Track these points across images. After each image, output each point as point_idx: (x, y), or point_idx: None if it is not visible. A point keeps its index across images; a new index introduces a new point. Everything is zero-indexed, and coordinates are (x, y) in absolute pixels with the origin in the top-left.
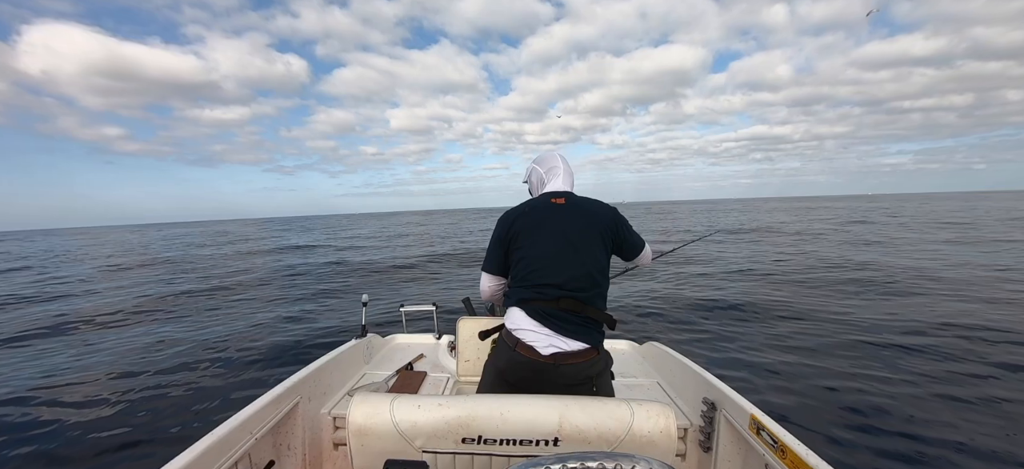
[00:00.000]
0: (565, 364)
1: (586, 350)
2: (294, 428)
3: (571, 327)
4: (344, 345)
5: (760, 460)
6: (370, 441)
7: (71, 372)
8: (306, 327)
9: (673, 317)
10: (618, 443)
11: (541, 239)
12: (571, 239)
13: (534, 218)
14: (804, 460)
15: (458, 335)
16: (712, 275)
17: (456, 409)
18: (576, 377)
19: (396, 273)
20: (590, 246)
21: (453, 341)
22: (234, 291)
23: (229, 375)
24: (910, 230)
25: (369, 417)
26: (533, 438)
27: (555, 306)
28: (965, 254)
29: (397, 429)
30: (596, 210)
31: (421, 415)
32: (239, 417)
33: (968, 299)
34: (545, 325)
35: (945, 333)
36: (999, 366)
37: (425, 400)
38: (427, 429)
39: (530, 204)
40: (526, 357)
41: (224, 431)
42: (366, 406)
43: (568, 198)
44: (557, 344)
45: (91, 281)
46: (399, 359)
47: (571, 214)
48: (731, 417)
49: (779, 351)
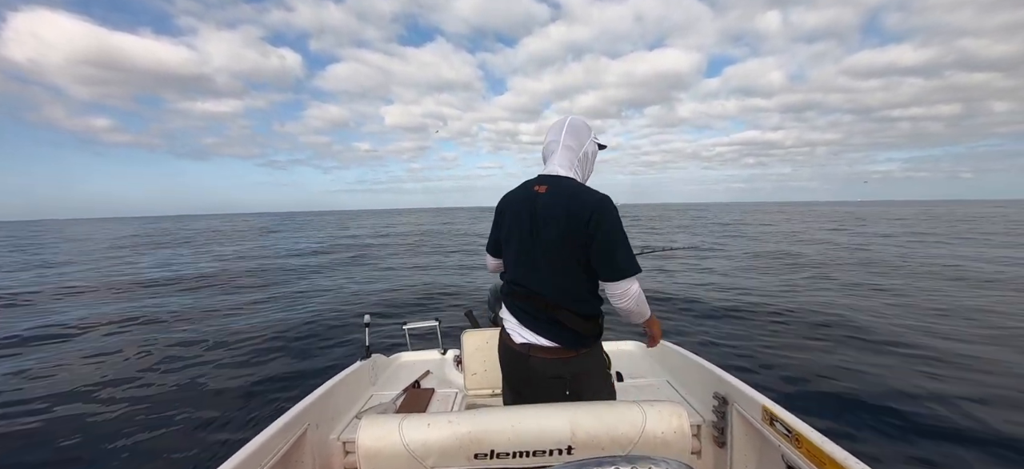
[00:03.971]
0: (535, 356)
1: (556, 347)
2: (303, 456)
3: (538, 324)
4: (349, 367)
5: (776, 451)
6: (381, 463)
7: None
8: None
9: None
10: (632, 446)
11: (515, 233)
12: (537, 235)
13: (514, 208)
14: (820, 448)
15: (463, 349)
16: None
17: (466, 425)
18: (547, 372)
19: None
20: (553, 245)
21: (458, 355)
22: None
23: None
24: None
25: (379, 440)
26: (546, 448)
27: (526, 302)
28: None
29: (408, 450)
30: (568, 203)
31: (431, 433)
32: (247, 449)
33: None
34: (515, 317)
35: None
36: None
37: (434, 418)
38: (438, 447)
39: (518, 190)
40: (506, 344)
41: (232, 465)
42: (375, 428)
43: (551, 185)
44: (526, 336)
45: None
46: (405, 377)
47: (545, 206)
48: (743, 410)
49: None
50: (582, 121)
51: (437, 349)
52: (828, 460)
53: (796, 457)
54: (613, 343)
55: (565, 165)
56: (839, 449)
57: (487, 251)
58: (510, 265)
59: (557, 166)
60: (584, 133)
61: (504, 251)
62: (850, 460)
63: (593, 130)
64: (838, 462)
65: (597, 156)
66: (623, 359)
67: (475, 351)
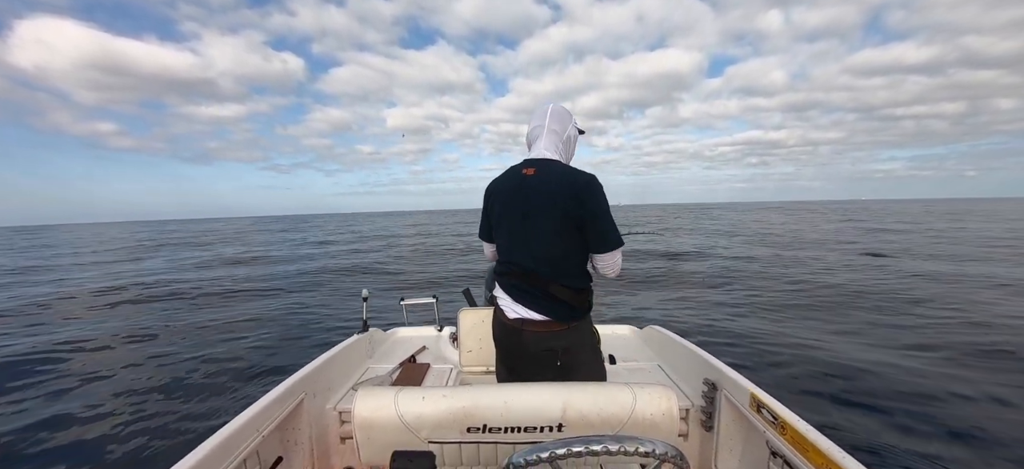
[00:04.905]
0: (527, 330)
1: (548, 321)
2: (300, 424)
3: (532, 299)
4: (346, 340)
5: (761, 437)
6: (376, 434)
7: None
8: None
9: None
10: (621, 427)
11: (506, 214)
12: (529, 215)
13: (503, 191)
14: (804, 435)
15: (459, 326)
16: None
17: (460, 399)
18: (539, 345)
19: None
20: (546, 223)
21: (455, 332)
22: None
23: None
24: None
25: (374, 410)
26: (537, 425)
27: (520, 280)
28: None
29: (402, 421)
30: (559, 181)
31: (426, 406)
32: (245, 415)
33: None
34: (509, 294)
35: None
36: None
37: (429, 392)
38: (432, 420)
39: (504, 175)
40: (500, 319)
41: (231, 429)
42: (371, 400)
43: (539, 167)
44: (519, 311)
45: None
46: (402, 352)
47: (535, 187)
48: (732, 396)
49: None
50: (563, 107)
51: (434, 325)
52: (811, 447)
53: (780, 443)
54: (607, 326)
55: (551, 148)
56: (822, 437)
57: (481, 238)
58: (503, 247)
59: (544, 150)
60: (566, 118)
61: (496, 234)
62: (833, 448)
63: (573, 115)
64: (821, 450)
65: (577, 140)
66: (616, 342)
67: (471, 329)
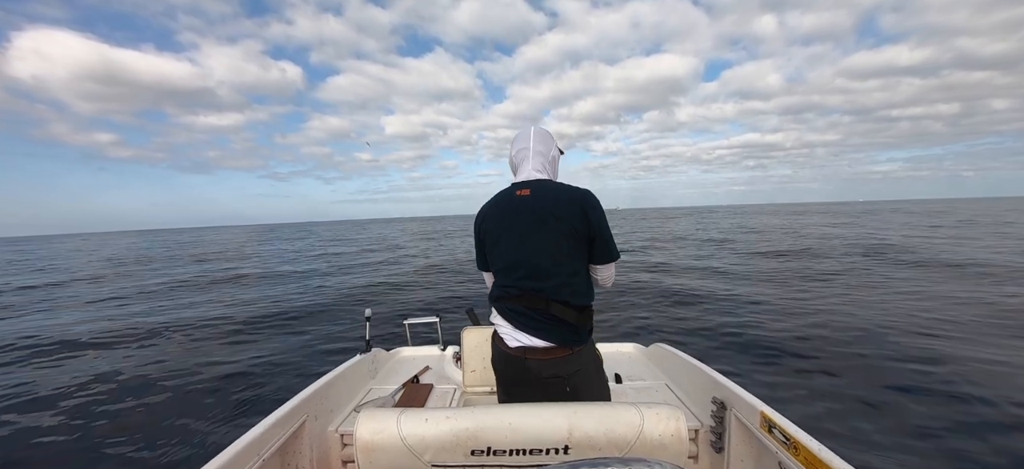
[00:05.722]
0: (531, 359)
1: (552, 347)
2: (301, 447)
3: (534, 324)
4: (349, 361)
5: (773, 458)
6: (378, 457)
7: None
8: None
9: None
10: (629, 448)
11: (503, 237)
12: (529, 235)
13: (497, 215)
14: (817, 456)
15: (463, 346)
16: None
17: (464, 421)
18: (543, 372)
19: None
20: (548, 241)
21: (458, 352)
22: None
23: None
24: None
25: (376, 433)
26: (543, 447)
27: (519, 303)
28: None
29: (405, 444)
30: (558, 199)
31: (429, 428)
32: (245, 439)
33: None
34: (509, 321)
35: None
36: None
37: (432, 413)
38: (435, 442)
39: (496, 199)
40: (500, 349)
41: (230, 454)
42: (373, 422)
43: (534, 188)
44: (521, 339)
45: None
46: (404, 372)
47: (531, 207)
48: (741, 416)
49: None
50: (544, 129)
51: (437, 345)
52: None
53: (793, 465)
54: (612, 345)
55: (539, 168)
56: (837, 458)
57: (479, 269)
58: (499, 271)
59: (532, 171)
60: (549, 139)
61: (491, 260)
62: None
63: (554, 137)
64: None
65: (559, 161)
66: (622, 361)
67: (474, 348)
